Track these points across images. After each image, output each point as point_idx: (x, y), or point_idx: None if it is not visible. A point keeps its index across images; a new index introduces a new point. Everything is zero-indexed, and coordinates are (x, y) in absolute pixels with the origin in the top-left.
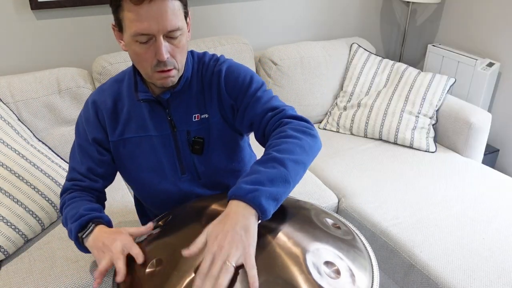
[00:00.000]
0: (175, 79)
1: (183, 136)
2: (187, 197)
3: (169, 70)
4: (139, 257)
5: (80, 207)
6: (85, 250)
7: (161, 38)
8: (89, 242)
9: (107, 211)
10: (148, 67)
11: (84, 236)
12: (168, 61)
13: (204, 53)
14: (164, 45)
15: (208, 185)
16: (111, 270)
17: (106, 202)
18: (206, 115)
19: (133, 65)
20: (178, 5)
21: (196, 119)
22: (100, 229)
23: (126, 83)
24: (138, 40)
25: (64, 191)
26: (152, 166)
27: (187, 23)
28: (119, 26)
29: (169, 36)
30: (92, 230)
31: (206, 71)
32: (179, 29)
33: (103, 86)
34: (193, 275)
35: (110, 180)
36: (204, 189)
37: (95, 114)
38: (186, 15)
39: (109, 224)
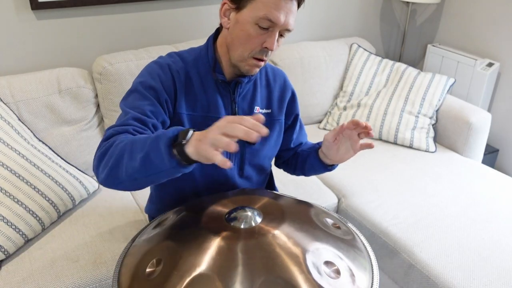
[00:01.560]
0: (258, 70)
1: None
2: (223, 185)
3: (262, 61)
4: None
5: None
6: (176, 162)
7: (277, 31)
8: (193, 139)
9: (107, 211)
10: (250, 50)
11: (184, 141)
12: (269, 52)
13: None
14: (276, 38)
15: (245, 176)
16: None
17: (106, 201)
18: (269, 111)
19: (211, 47)
20: (296, 10)
21: (257, 111)
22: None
23: (195, 63)
24: (260, 24)
25: (113, 134)
26: None
27: None
28: (238, 3)
29: (282, 33)
30: (191, 136)
31: (268, 67)
32: (290, 31)
33: (177, 56)
34: (193, 275)
35: None
36: (241, 179)
37: (169, 78)
38: None
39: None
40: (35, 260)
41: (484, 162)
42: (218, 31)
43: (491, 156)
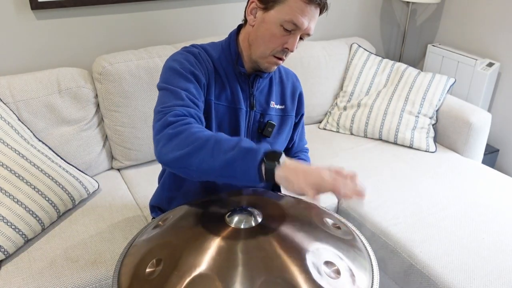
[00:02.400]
0: (275, 68)
1: (257, 117)
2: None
3: (281, 60)
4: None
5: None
6: (257, 175)
7: (299, 34)
8: (286, 166)
9: (107, 211)
10: (271, 49)
11: (281, 162)
12: (288, 53)
13: None
14: (297, 41)
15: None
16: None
17: (106, 201)
18: (283, 106)
19: (234, 41)
20: (317, 17)
21: (272, 106)
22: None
23: (219, 55)
24: (285, 26)
25: (185, 121)
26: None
27: None
28: (266, 4)
29: (302, 37)
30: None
31: (281, 68)
32: (310, 35)
33: (201, 48)
34: (193, 275)
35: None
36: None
37: (207, 66)
38: None
39: None
40: (35, 260)
41: (484, 162)
42: (239, 27)
43: (491, 156)
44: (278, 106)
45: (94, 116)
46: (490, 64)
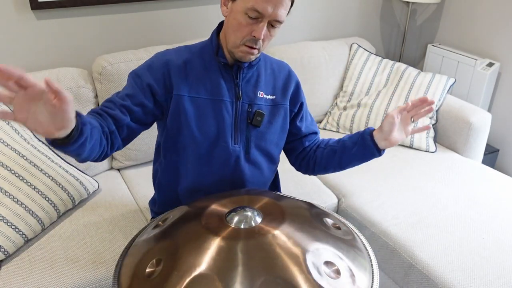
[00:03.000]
0: (253, 58)
1: (244, 107)
2: (230, 167)
3: (254, 49)
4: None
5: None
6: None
7: (266, 22)
8: None
9: (107, 210)
10: (241, 38)
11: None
12: (258, 41)
13: None
14: (264, 28)
15: (252, 161)
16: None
17: (106, 201)
18: (274, 97)
19: (216, 34)
20: (289, 3)
21: (260, 96)
22: None
23: (198, 51)
24: (248, 13)
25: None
26: (208, 128)
27: None
28: None
29: (272, 24)
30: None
31: (273, 61)
32: (281, 22)
33: (174, 49)
34: (193, 275)
35: (132, 132)
36: (249, 164)
37: (160, 67)
38: (287, 14)
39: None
40: (35, 260)
41: (484, 162)
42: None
43: (491, 156)
44: (269, 97)
45: None
46: (490, 64)
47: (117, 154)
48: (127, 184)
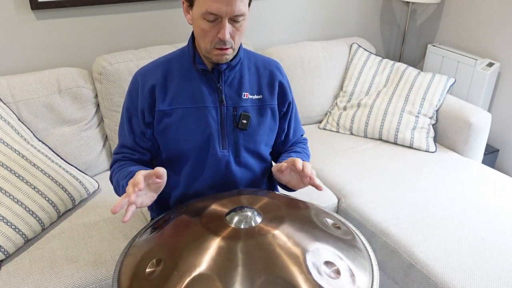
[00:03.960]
0: (230, 57)
1: (229, 111)
2: (221, 172)
3: (226, 49)
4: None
5: (130, 167)
6: None
7: (226, 20)
8: None
9: (107, 210)
10: (209, 42)
11: None
12: (227, 41)
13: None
14: (228, 27)
15: (243, 164)
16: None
17: (106, 202)
18: (260, 96)
19: (192, 41)
20: None
21: (245, 97)
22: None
23: (177, 60)
24: (206, 18)
25: (114, 162)
26: (195, 137)
27: (248, 10)
28: (190, 1)
29: (234, 19)
30: None
31: (259, 58)
32: (243, 14)
33: (151, 63)
34: (193, 275)
35: (156, 153)
36: (240, 168)
37: (143, 86)
38: (250, 2)
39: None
40: (35, 260)
41: (484, 162)
42: None
43: (491, 156)
44: (255, 96)
45: (94, 116)
46: (490, 64)
47: None
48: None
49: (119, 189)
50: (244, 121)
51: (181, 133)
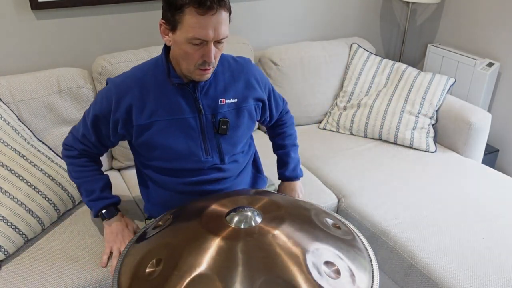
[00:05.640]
0: (210, 75)
1: (208, 119)
2: (208, 175)
3: (209, 69)
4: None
5: (95, 183)
6: (95, 216)
7: (212, 43)
8: (110, 223)
9: None
10: (193, 64)
11: (107, 217)
12: (211, 62)
13: None
14: (213, 50)
15: (228, 162)
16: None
17: None
18: (236, 100)
19: (164, 56)
20: (227, 16)
21: (222, 103)
22: (119, 219)
23: (152, 73)
24: (192, 42)
25: (72, 149)
26: (177, 147)
27: None
28: (172, 25)
29: (218, 41)
30: (114, 215)
31: (232, 62)
32: (227, 36)
33: (127, 74)
34: (193, 275)
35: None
36: (224, 166)
37: (117, 101)
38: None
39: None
40: (35, 260)
41: (484, 162)
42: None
43: (491, 156)
44: (231, 100)
45: None
46: (490, 64)
47: (117, 154)
48: (127, 184)
49: (81, 193)
50: (224, 127)
51: (162, 144)
